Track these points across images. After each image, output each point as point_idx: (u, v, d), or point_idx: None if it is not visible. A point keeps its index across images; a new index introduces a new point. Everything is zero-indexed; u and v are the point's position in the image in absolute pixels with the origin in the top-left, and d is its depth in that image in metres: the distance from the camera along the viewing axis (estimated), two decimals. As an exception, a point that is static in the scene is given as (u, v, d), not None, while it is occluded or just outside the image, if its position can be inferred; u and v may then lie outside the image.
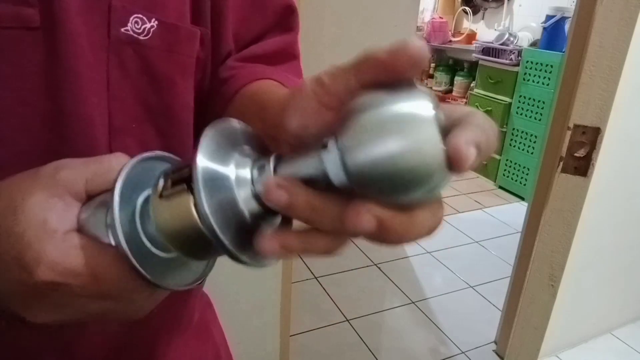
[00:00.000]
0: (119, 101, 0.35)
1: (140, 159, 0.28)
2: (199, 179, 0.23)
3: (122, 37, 0.34)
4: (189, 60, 0.39)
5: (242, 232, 0.25)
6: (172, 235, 0.26)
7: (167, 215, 0.26)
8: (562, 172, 1.28)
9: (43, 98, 0.32)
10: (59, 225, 0.26)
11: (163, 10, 0.36)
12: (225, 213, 0.24)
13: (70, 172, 0.28)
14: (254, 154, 0.27)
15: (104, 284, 0.26)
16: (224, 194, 0.25)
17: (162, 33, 0.36)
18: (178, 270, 0.29)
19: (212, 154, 0.25)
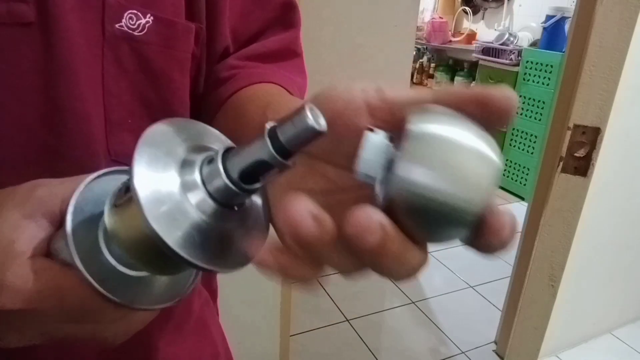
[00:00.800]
0: (115, 97, 0.35)
1: (101, 174, 0.27)
2: (135, 186, 0.21)
3: (117, 33, 0.34)
4: (185, 56, 0.38)
5: (200, 237, 0.23)
6: (128, 246, 0.24)
7: (119, 224, 0.24)
8: (562, 172, 1.28)
9: (39, 94, 0.31)
10: (26, 248, 0.25)
11: (159, 5, 0.36)
12: (174, 219, 0.22)
13: (46, 190, 0.27)
14: (201, 151, 0.25)
15: (70, 307, 0.25)
16: (170, 200, 0.22)
17: (158, 28, 0.35)
18: (153, 288, 0.27)
19: (151, 159, 0.23)
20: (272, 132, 0.22)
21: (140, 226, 0.22)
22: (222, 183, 0.23)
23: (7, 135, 0.31)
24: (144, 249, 0.24)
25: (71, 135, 0.33)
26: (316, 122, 0.21)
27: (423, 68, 4.14)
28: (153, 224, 0.21)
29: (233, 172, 0.23)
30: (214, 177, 0.23)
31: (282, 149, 0.22)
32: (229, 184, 0.23)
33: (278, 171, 0.23)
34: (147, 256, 0.24)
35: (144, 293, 0.26)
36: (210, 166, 0.23)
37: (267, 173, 0.23)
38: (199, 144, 0.25)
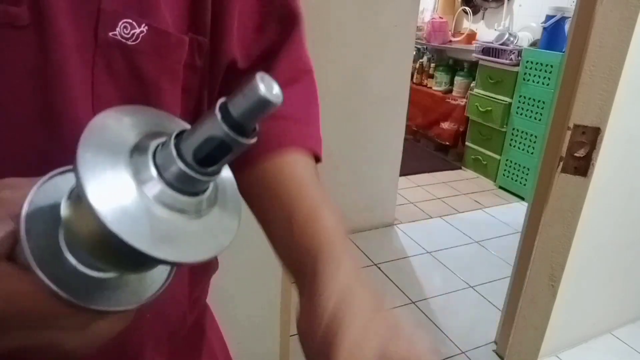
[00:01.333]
0: (105, 103, 0.35)
1: (58, 172, 0.26)
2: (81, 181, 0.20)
3: (110, 40, 0.34)
4: (176, 67, 0.39)
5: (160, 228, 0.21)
6: (87, 244, 0.23)
7: (76, 222, 0.23)
8: (562, 172, 1.28)
9: (32, 97, 0.32)
10: None
11: (156, 16, 0.36)
12: (125, 211, 0.20)
13: (12, 193, 0.26)
14: (155, 138, 0.23)
15: (24, 312, 0.24)
16: (121, 190, 0.21)
17: (152, 38, 0.36)
18: (119, 291, 0.26)
19: (98, 151, 0.21)
20: (223, 106, 0.20)
21: (92, 222, 0.21)
22: (177, 168, 0.21)
23: (2, 136, 0.31)
24: (102, 245, 0.22)
25: (62, 137, 0.33)
26: (268, 92, 0.20)
27: (423, 68, 4.14)
28: (102, 218, 0.20)
29: (187, 155, 0.21)
30: (168, 163, 0.21)
31: (235, 123, 0.20)
32: (184, 168, 0.21)
33: (236, 148, 0.21)
34: (107, 253, 0.23)
35: (110, 296, 0.25)
36: (164, 151, 0.22)
37: (223, 152, 0.21)
38: (154, 130, 0.24)
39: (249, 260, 1.32)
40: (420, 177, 3.60)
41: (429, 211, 3.05)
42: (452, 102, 3.77)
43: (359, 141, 2.51)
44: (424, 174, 3.66)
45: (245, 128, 0.21)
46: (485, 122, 3.43)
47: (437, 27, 3.91)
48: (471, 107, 3.53)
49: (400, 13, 2.40)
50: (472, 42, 3.78)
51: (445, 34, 3.93)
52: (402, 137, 2.69)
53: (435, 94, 3.95)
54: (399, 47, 2.48)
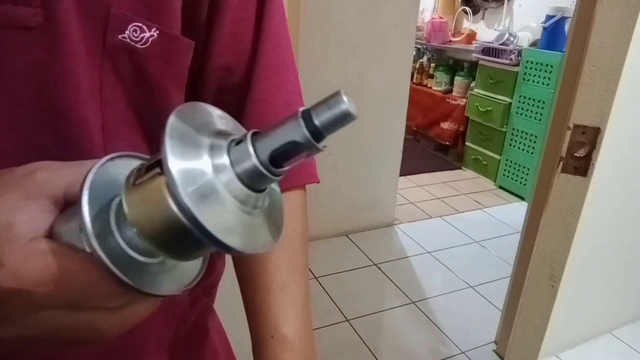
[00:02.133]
0: (112, 105, 0.35)
1: (112, 157, 0.26)
2: (168, 154, 0.21)
3: (118, 43, 0.34)
4: (183, 72, 0.39)
5: (225, 217, 0.22)
6: (146, 226, 0.23)
7: (140, 203, 0.23)
8: (562, 172, 1.28)
9: (38, 97, 0.32)
10: (25, 230, 0.24)
11: (166, 21, 0.36)
12: (203, 195, 0.22)
13: (49, 174, 0.26)
14: (227, 135, 0.25)
15: (71, 291, 0.24)
16: (200, 177, 0.22)
17: (162, 43, 0.36)
18: (161, 276, 0.27)
19: (182, 137, 0.23)
20: (306, 114, 0.22)
21: (163, 204, 0.22)
22: (251, 165, 0.23)
23: (4, 135, 0.31)
24: (164, 228, 0.23)
25: (69, 138, 0.33)
26: (351, 106, 0.22)
27: (423, 68, 4.14)
28: (185, 200, 0.21)
29: (262, 154, 0.23)
30: (243, 159, 0.23)
31: (316, 130, 0.22)
32: (258, 166, 0.23)
33: (307, 154, 0.23)
34: (165, 237, 0.24)
35: (151, 280, 0.26)
36: (239, 148, 0.23)
37: (296, 156, 0.23)
38: (220, 129, 0.25)
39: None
40: (420, 177, 3.60)
41: (429, 211, 3.05)
42: (452, 102, 3.77)
43: (359, 141, 2.51)
44: (424, 174, 3.66)
45: (323, 136, 0.22)
46: (485, 122, 3.43)
47: (437, 27, 3.91)
48: (471, 107, 3.53)
49: (400, 13, 2.40)
50: (472, 42, 3.78)
51: (445, 34, 3.93)
52: (402, 137, 2.69)
53: (435, 94, 3.95)
54: (399, 47, 2.48)
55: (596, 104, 1.22)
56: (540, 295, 1.55)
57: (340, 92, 0.22)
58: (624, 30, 1.16)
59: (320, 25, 2.19)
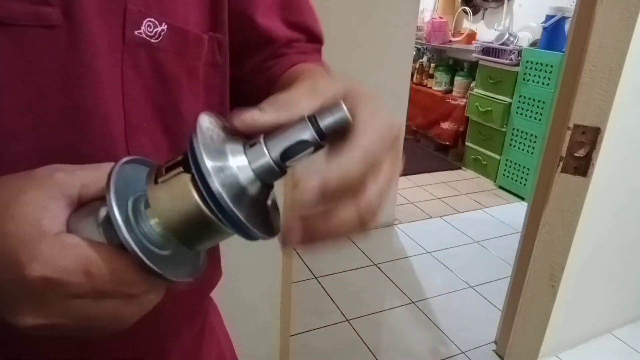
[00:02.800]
0: (133, 100, 0.36)
1: (125, 162, 0.29)
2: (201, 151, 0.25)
3: (136, 39, 0.35)
4: (195, 64, 0.40)
5: (247, 206, 0.26)
6: (171, 218, 0.27)
7: (166, 199, 0.26)
8: (562, 172, 1.28)
9: (61, 94, 0.32)
10: (50, 226, 0.26)
11: (173, 14, 0.37)
12: (229, 187, 0.26)
13: (66, 175, 0.28)
14: (240, 139, 0.29)
15: (99, 279, 0.26)
16: (226, 171, 0.26)
17: (172, 36, 0.37)
18: (173, 267, 0.29)
19: (207, 140, 0.26)
20: (312, 118, 0.27)
21: (189, 197, 0.26)
22: (265, 162, 0.27)
23: (27, 132, 0.32)
24: (188, 220, 0.26)
25: (92, 135, 0.34)
26: (348, 114, 0.28)
27: (423, 68, 4.14)
28: (220, 189, 0.25)
29: (274, 152, 0.27)
30: (258, 157, 0.27)
31: (320, 131, 0.27)
32: (271, 163, 0.27)
33: (312, 151, 0.28)
34: (187, 228, 0.27)
35: (167, 269, 0.28)
36: (254, 148, 0.28)
37: (303, 153, 0.28)
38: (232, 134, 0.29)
39: (249, 260, 1.32)
40: (420, 177, 3.60)
41: (429, 211, 3.05)
42: (452, 102, 3.77)
43: (359, 141, 2.50)
44: (424, 174, 3.66)
45: (326, 137, 0.27)
46: (485, 122, 3.43)
47: (437, 27, 3.91)
48: (471, 107, 3.53)
49: (400, 13, 2.40)
50: (472, 42, 3.78)
51: (445, 34, 3.93)
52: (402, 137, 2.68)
53: (435, 94, 3.95)
54: (399, 47, 2.48)
55: (596, 104, 1.22)
56: (540, 295, 1.55)
57: (341, 102, 0.28)
58: (624, 30, 1.16)
59: (320, 25, 2.19)
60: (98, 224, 0.27)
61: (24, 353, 0.36)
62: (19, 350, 0.36)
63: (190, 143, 0.26)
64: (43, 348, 0.36)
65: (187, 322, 0.48)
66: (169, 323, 0.44)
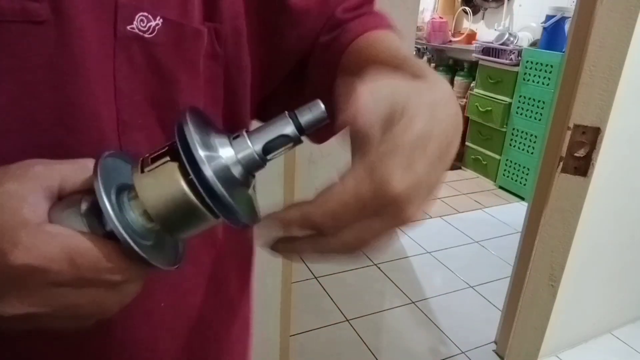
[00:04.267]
0: (127, 97, 0.36)
1: (108, 155, 0.29)
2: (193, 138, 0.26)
3: (129, 34, 0.34)
4: (195, 58, 0.39)
5: (234, 193, 0.28)
6: (157, 206, 0.27)
7: (154, 187, 0.27)
8: (562, 172, 1.28)
9: (51, 91, 0.32)
10: (32, 215, 0.26)
11: (167, 8, 0.36)
12: (219, 174, 0.27)
13: (44, 168, 0.28)
14: (224, 133, 0.30)
15: (82, 267, 0.26)
16: (216, 159, 0.27)
17: (167, 30, 0.36)
18: (155, 256, 0.30)
19: (196, 130, 0.27)
20: (293, 114, 0.29)
21: (177, 185, 0.27)
22: (249, 153, 0.29)
23: (16, 130, 0.32)
24: (175, 207, 0.27)
25: (83, 132, 0.34)
26: (325, 111, 0.29)
27: (423, 68, 4.14)
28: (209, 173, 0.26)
29: (257, 145, 0.29)
30: (243, 149, 0.29)
31: (300, 127, 0.29)
32: (255, 155, 0.29)
33: (292, 145, 0.30)
34: (174, 214, 0.28)
35: (156, 256, 0.29)
36: (238, 141, 0.29)
37: (284, 146, 0.29)
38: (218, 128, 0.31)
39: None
40: (420, 177, 3.59)
41: (429, 211, 3.04)
42: (452, 102, 3.77)
43: (359, 141, 2.50)
44: (424, 174, 3.65)
45: (304, 132, 0.29)
46: (485, 122, 3.43)
47: (437, 27, 3.91)
48: (471, 107, 3.53)
49: (400, 13, 2.40)
50: (472, 42, 3.78)
51: (445, 34, 3.93)
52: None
53: (435, 94, 3.94)
54: (399, 47, 2.47)
55: (596, 104, 1.22)
56: (540, 295, 1.55)
57: (319, 100, 0.30)
58: (624, 30, 1.16)
59: (320, 25, 2.19)
60: (82, 214, 0.27)
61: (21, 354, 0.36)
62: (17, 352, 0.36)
63: (180, 132, 0.26)
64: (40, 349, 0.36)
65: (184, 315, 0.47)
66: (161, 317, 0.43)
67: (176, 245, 0.33)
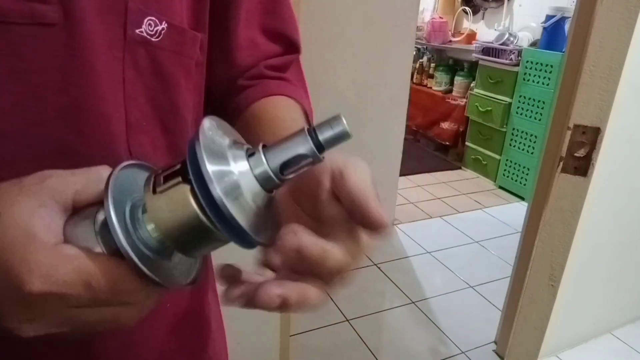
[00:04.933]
0: (134, 99, 0.36)
1: (123, 167, 0.28)
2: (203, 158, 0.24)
3: (137, 37, 0.35)
4: (190, 62, 0.40)
5: (246, 213, 0.26)
6: (169, 228, 0.26)
7: (165, 209, 0.26)
8: (562, 172, 1.28)
9: (59, 93, 0.32)
10: (46, 236, 0.25)
11: (171, 13, 0.37)
12: (230, 194, 0.25)
13: (58, 180, 0.27)
14: (242, 145, 0.28)
15: (99, 290, 0.26)
16: (227, 177, 0.26)
17: (171, 35, 0.37)
18: (169, 271, 0.29)
19: (209, 146, 0.26)
20: (312, 131, 0.27)
21: (189, 209, 0.26)
22: (264, 171, 0.27)
23: (23, 131, 0.32)
24: (187, 229, 0.26)
25: (91, 134, 0.34)
26: (348, 128, 0.27)
27: (423, 68, 4.14)
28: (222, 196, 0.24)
29: (273, 164, 0.27)
30: (257, 166, 0.27)
31: (319, 145, 0.27)
32: (270, 173, 0.27)
33: (311, 163, 0.28)
34: (186, 236, 0.27)
35: (165, 275, 0.28)
36: (253, 158, 0.27)
37: (301, 165, 0.27)
38: (234, 139, 0.29)
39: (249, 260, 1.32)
40: (420, 177, 3.60)
41: (429, 211, 3.05)
42: (452, 102, 3.77)
43: (359, 141, 2.50)
44: (424, 174, 3.66)
45: (324, 150, 0.27)
46: (485, 122, 3.43)
47: (437, 27, 3.91)
48: (471, 107, 3.53)
49: (400, 13, 2.40)
50: (472, 42, 3.78)
51: (445, 34, 3.93)
52: (402, 137, 2.69)
53: (435, 94, 3.95)
54: (399, 47, 2.48)
55: (596, 104, 1.22)
56: (540, 295, 1.55)
57: (340, 115, 0.27)
58: (624, 30, 1.16)
59: (320, 25, 2.19)
60: (96, 230, 0.27)
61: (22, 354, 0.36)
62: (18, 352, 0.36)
63: (192, 150, 0.25)
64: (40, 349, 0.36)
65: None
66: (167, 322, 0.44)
67: (194, 260, 0.32)
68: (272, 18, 0.48)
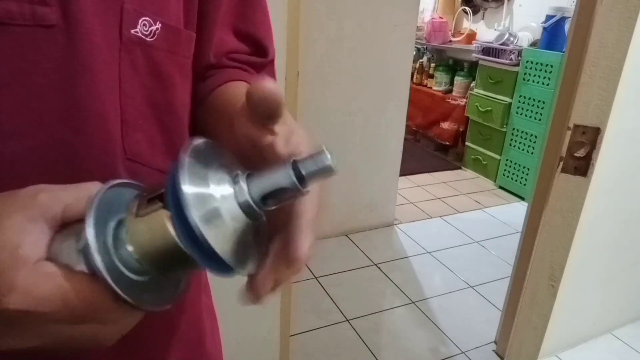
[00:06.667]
0: (130, 98, 0.37)
1: (111, 185, 0.29)
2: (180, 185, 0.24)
3: (133, 38, 0.36)
4: (186, 61, 0.41)
5: (228, 242, 0.26)
6: (148, 253, 0.27)
7: (144, 233, 0.27)
8: (562, 172, 1.28)
9: (59, 93, 0.33)
10: (31, 253, 0.26)
11: (166, 13, 0.38)
12: (210, 223, 0.25)
13: (49, 195, 0.28)
14: (227, 169, 0.28)
15: (76, 309, 0.26)
16: (206, 207, 0.25)
17: (166, 35, 0.38)
18: (150, 292, 0.29)
19: (191, 172, 0.26)
20: (295, 165, 0.27)
21: (167, 236, 0.26)
22: (245, 200, 0.27)
23: (25, 131, 0.32)
24: (165, 254, 0.27)
25: (90, 134, 0.34)
26: (333, 163, 0.26)
27: (423, 68, 4.14)
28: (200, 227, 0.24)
29: (255, 195, 0.27)
30: (240, 195, 0.27)
31: (302, 179, 0.27)
32: (251, 203, 0.27)
33: (292, 197, 0.27)
34: (164, 261, 0.27)
35: (143, 296, 0.28)
36: (237, 186, 0.27)
37: (283, 197, 0.27)
38: (222, 162, 0.29)
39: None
40: (420, 177, 3.60)
41: (429, 211, 3.05)
42: (452, 102, 3.77)
43: (359, 141, 2.51)
44: (424, 174, 3.66)
45: (307, 184, 0.27)
46: (485, 122, 3.43)
47: (437, 27, 3.91)
48: (471, 107, 3.53)
49: (400, 13, 2.40)
50: (472, 42, 3.78)
51: (445, 34, 3.93)
52: (402, 137, 2.69)
53: (435, 94, 3.95)
54: (399, 47, 2.48)
55: (596, 104, 1.22)
56: (540, 295, 1.55)
57: (324, 149, 0.27)
58: (624, 30, 1.16)
59: (320, 25, 2.19)
60: (78, 249, 0.27)
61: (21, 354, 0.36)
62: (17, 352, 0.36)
63: (172, 175, 0.25)
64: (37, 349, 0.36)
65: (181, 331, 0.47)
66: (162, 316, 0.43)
67: (178, 280, 0.32)
68: (244, 21, 0.49)
